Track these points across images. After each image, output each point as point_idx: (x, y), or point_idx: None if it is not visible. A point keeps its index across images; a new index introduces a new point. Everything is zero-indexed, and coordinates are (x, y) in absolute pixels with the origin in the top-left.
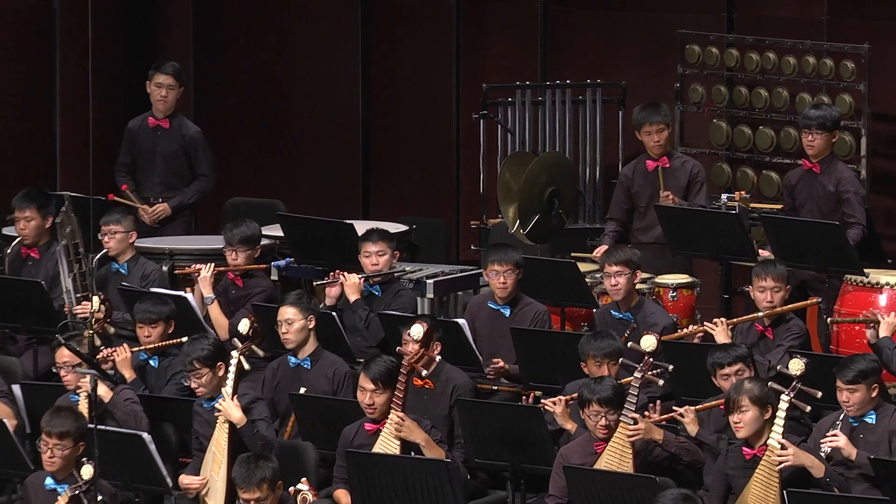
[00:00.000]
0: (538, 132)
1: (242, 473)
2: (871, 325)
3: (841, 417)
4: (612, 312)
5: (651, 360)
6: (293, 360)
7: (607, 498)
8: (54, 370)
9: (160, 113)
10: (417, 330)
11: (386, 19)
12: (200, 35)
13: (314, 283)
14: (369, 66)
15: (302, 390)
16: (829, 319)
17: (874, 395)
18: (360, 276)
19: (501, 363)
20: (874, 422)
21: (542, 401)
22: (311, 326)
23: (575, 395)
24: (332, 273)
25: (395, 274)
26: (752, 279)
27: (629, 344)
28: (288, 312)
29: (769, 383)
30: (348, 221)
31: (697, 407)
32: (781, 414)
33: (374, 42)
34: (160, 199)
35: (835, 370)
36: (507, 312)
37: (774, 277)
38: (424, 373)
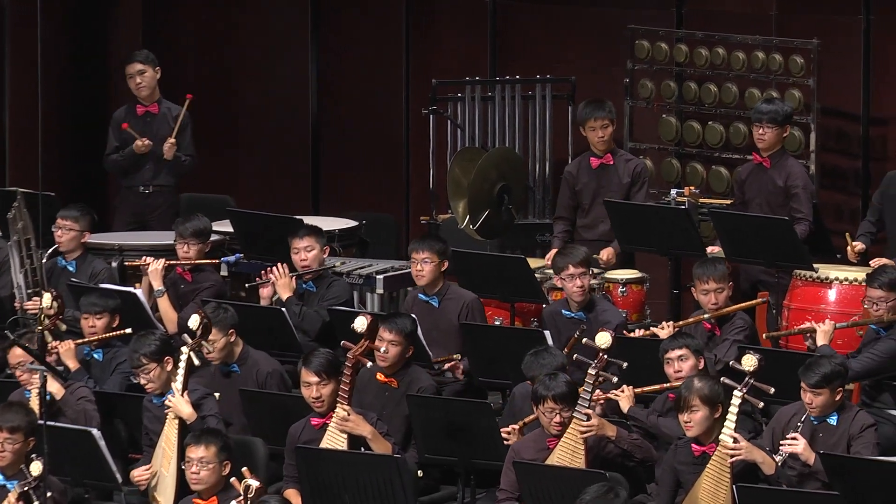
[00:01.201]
0: (488, 127)
1: (195, 434)
2: (808, 335)
3: (803, 417)
4: (564, 312)
5: (605, 356)
6: (223, 367)
7: (558, 493)
8: (8, 370)
9: (146, 100)
10: (361, 322)
11: (335, 15)
12: (150, 31)
13: (246, 285)
14: (319, 63)
15: (216, 395)
16: (765, 335)
17: (838, 398)
18: (290, 274)
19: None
20: (836, 423)
21: (502, 430)
22: (231, 340)
23: (528, 419)
24: (263, 273)
25: (325, 269)
26: (693, 281)
27: (584, 340)
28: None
29: (722, 379)
30: (297, 217)
31: (639, 390)
32: (734, 409)
33: (323, 38)
34: (150, 188)
35: (800, 372)
36: (435, 303)
37: (716, 278)
38: (369, 364)
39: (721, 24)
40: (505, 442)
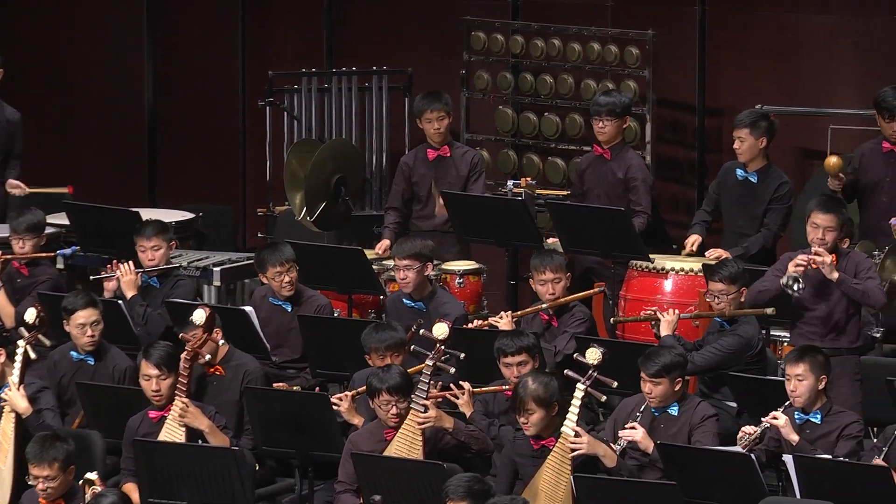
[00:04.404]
0: (324, 119)
1: (36, 450)
2: (652, 322)
3: (643, 407)
4: (404, 301)
5: (442, 347)
6: (76, 354)
7: (396, 484)
8: None
9: None
10: (200, 315)
11: (171, 6)
12: None
13: (90, 278)
14: (154, 53)
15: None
16: (612, 320)
17: (677, 388)
18: (136, 270)
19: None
20: (676, 414)
21: (331, 398)
22: (101, 327)
23: (362, 388)
24: (108, 266)
25: (172, 268)
26: (531, 272)
27: (421, 332)
28: (85, 316)
29: (565, 371)
30: (134, 209)
31: (477, 390)
32: (577, 402)
33: (159, 28)
34: None
35: (639, 361)
36: (288, 308)
37: (553, 269)
38: (208, 357)
39: (557, 15)
40: (334, 407)
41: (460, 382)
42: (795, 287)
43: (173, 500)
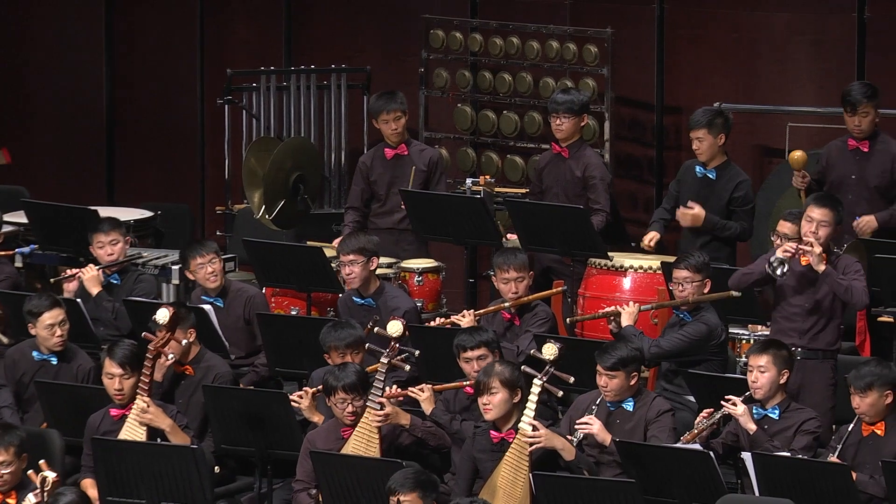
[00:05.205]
0: (283, 117)
1: None
2: (612, 319)
3: (598, 401)
4: (354, 298)
5: (398, 345)
6: (38, 354)
7: (354, 482)
8: None
9: None
10: (163, 314)
11: (128, 3)
12: None
13: (51, 280)
14: (112, 51)
15: None
16: (568, 320)
17: (633, 382)
18: (97, 267)
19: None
20: (632, 409)
21: (290, 396)
22: (67, 326)
23: (321, 386)
24: (68, 269)
25: (132, 260)
26: (494, 270)
27: (375, 329)
28: (52, 317)
29: (522, 367)
30: (92, 208)
31: (437, 386)
32: (533, 398)
33: (117, 26)
34: None
35: (596, 355)
36: (220, 303)
37: (516, 267)
38: (171, 356)
39: (516, 13)
40: (294, 404)
41: (422, 386)
42: (779, 270)
43: (132, 498)
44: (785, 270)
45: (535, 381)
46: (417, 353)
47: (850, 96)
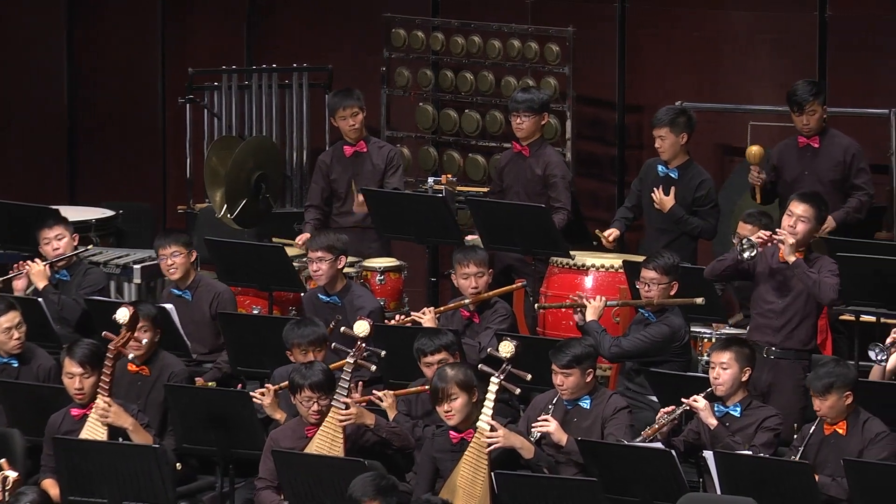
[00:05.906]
0: (245, 116)
1: None
2: (578, 309)
3: (555, 400)
4: (320, 296)
5: (363, 344)
6: (1, 359)
7: (317, 481)
8: None
9: None
10: (123, 314)
11: (90, 2)
12: None
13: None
14: (73, 50)
15: None
16: (536, 305)
17: (589, 380)
18: (43, 262)
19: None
20: (588, 407)
21: (252, 392)
22: (24, 328)
23: (284, 383)
24: (15, 265)
25: (77, 254)
26: (454, 266)
27: (342, 329)
28: (9, 320)
29: (479, 365)
30: (53, 207)
31: (398, 392)
32: (491, 396)
33: (78, 25)
34: None
35: (550, 353)
36: (188, 297)
37: (476, 263)
38: (131, 355)
39: (477, 12)
40: (256, 401)
41: (384, 392)
42: (747, 253)
43: (93, 497)
44: (753, 255)
45: (493, 379)
46: (384, 353)
47: (795, 96)
